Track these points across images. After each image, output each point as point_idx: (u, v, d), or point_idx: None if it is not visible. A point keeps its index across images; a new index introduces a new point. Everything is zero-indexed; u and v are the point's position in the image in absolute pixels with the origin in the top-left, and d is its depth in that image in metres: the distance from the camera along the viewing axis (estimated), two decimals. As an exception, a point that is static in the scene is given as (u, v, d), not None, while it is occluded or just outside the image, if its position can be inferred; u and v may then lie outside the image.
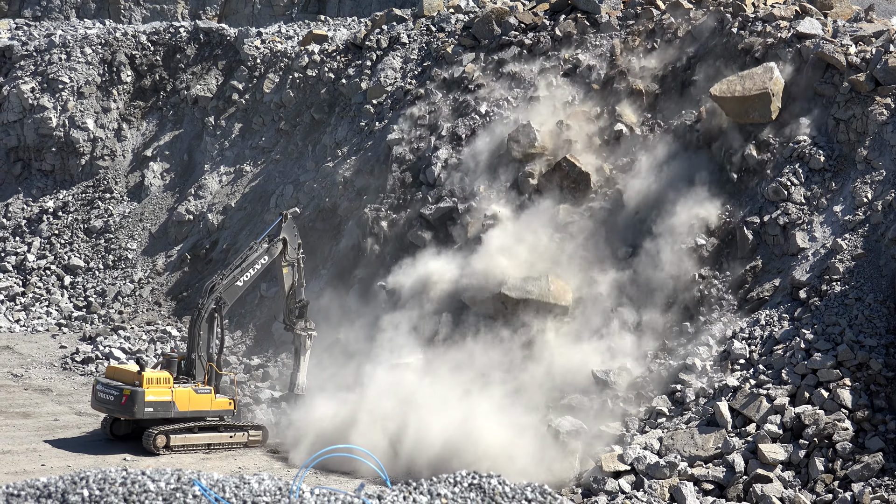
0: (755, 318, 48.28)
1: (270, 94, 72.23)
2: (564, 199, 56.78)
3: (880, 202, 48.37)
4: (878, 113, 50.93)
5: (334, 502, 28.10)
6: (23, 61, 77.96)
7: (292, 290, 50.97)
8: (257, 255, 50.28)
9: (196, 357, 49.15)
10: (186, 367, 49.45)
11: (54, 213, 72.99)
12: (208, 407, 49.15)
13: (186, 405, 48.45)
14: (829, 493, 41.12)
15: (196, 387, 48.84)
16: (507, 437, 45.45)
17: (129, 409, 47.55)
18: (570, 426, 45.93)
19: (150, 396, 47.55)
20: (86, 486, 28.69)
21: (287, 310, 51.15)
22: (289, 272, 50.95)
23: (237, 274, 49.81)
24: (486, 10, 65.63)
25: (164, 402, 47.93)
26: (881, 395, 43.49)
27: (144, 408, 47.52)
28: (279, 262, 50.84)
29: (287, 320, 51.17)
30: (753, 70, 54.03)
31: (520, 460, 43.71)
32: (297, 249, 51.13)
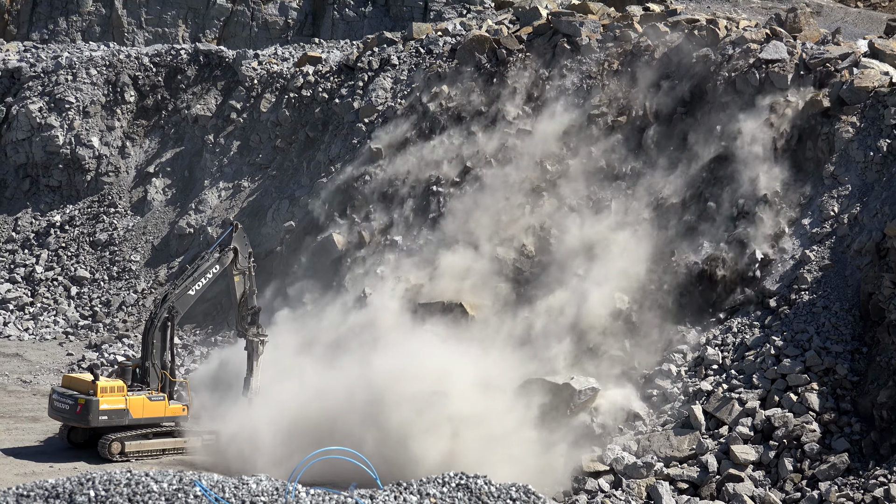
0: (727, 325, 48.44)
1: (267, 113, 72.26)
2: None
3: (846, 215, 48.52)
4: (843, 131, 51.07)
5: (328, 502, 28.18)
6: (31, 82, 77.94)
7: (244, 298, 50.16)
8: (209, 265, 49.59)
9: (150, 365, 48.45)
10: (141, 375, 48.72)
11: (61, 226, 72.95)
12: (162, 413, 48.43)
13: (140, 412, 47.80)
14: (797, 491, 41.28)
15: (150, 394, 48.17)
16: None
17: (83, 417, 46.97)
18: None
19: (105, 405, 46.92)
20: (92, 486, 28.78)
21: (239, 316, 50.34)
22: (240, 280, 50.13)
23: (189, 283, 49.14)
24: (470, 37, 65.55)
25: (118, 409, 47.30)
26: (847, 399, 43.66)
27: (99, 416, 46.89)
28: (230, 270, 50.00)
29: (239, 327, 50.35)
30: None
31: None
32: (248, 258, 50.36)
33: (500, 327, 52.52)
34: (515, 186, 58.64)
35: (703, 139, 54.55)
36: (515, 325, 52.43)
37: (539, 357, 50.08)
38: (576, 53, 62.40)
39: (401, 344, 49.75)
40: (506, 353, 50.32)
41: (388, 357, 48.33)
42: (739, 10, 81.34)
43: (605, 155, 57.71)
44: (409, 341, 49.92)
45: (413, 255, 58.54)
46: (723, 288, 50.17)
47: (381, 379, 46.58)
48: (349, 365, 49.05)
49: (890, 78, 52.39)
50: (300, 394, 47.78)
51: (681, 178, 54.15)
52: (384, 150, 63.59)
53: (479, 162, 60.83)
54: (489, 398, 46.33)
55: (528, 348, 50.62)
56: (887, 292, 44.13)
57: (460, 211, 59.12)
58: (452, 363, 47.69)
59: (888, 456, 41.28)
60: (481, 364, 48.50)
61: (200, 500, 28.08)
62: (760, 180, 51.66)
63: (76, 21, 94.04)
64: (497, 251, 56.39)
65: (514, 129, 60.93)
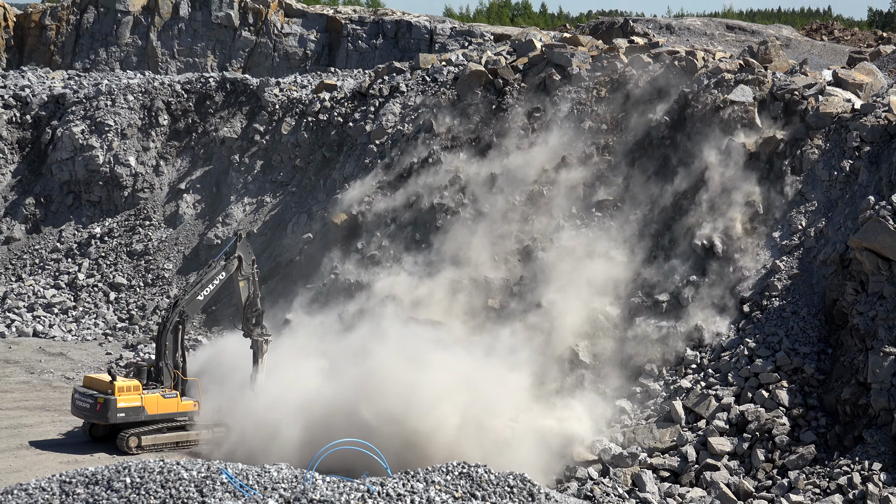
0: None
1: (287, 135, 72.28)
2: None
3: (813, 229, 48.47)
4: (810, 152, 51.04)
5: (343, 488, 28.06)
6: (74, 107, 77.96)
7: (248, 301, 49.64)
8: (216, 272, 49.22)
9: (163, 365, 48.12)
10: (155, 374, 48.40)
11: (101, 237, 72.92)
12: (175, 409, 48.10)
13: (155, 409, 47.51)
14: (769, 479, 41.17)
15: (164, 392, 47.86)
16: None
17: (103, 415, 46.69)
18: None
19: (122, 403, 46.63)
20: (128, 474, 28.68)
21: (245, 318, 49.77)
22: (245, 285, 49.63)
23: (198, 289, 48.76)
24: (469, 71, 65.41)
25: (134, 407, 46.97)
26: (813, 395, 43.57)
27: (117, 413, 46.62)
28: (236, 276, 49.52)
29: (245, 328, 49.77)
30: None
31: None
32: (252, 265, 49.87)
33: (488, 340, 51.93)
34: (509, 209, 58.48)
35: (683, 161, 54.51)
36: (503, 337, 51.98)
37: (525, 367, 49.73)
38: (567, 82, 62.39)
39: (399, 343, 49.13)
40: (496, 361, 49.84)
41: (386, 354, 47.87)
42: (716, 42, 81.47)
43: (593, 178, 57.61)
44: (406, 343, 49.29)
45: (409, 274, 58.29)
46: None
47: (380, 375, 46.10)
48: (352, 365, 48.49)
49: (852, 104, 52.35)
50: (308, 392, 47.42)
51: (664, 196, 54.10)
52: (383, 178, 63.69)
53: (474, 185, 60.72)
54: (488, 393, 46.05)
55: (516, 359, 50.08)
56: (850, 299, 44.08)
57: (456, 232, 58.95)
58: (451, 361, 47.36)
59: (851, 447, 41.21)
60: (473, 366, 48.10)
61: (226, 486, 27.99)
62: (734, 197, 51.65)
63: (115, 52, 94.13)
64: (488, 271, 56.18)
65: (508, 153, 60.89)
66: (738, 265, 49.53)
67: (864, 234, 44.08)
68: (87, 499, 27.96)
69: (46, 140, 77.41)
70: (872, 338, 42.39)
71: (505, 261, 56.57)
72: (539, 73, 63.82)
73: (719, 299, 49.00)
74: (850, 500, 38.64)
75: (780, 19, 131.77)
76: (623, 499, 40.75)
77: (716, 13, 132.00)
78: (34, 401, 52.47)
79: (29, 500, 28.34)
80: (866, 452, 40.26)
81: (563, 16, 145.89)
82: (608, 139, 58.70)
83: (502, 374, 47.49)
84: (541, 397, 47.53)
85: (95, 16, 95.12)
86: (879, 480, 38.84)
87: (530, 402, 46.76)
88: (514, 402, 46.01)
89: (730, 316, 48.06)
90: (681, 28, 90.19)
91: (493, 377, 46.98)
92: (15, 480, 35.73)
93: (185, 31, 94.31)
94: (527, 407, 46.23)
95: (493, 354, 49.18)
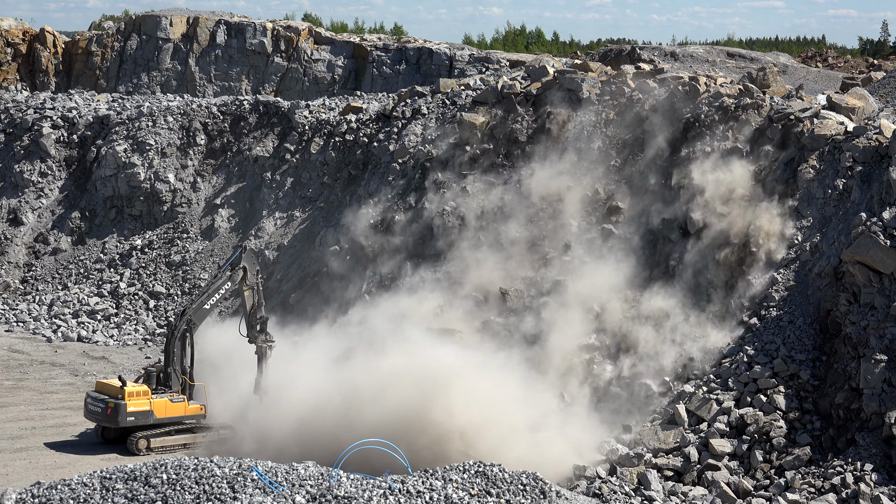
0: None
1: (316, 155, 72.27)
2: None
3: (808, 244, 48.26)
4: (805, 172, 50.84)
5: (366, 485, 27.94)
6: (117, 127, 78.09)
7: (253, 309, 49.16)
8: (221, 282, 48.83)
9: (172, 370, 47.73)
10: (164, 379, 48.00)
11: (142, 249, 72.99)
12: (182, 413, 47.68)
13: (163, 412, 47.10)
14: (766, 479, 40.95)
15: (172, 396, 47.49)
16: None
17: (113, 419, 46.31)
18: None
19: (132, 407, 46.29)
20: (164, 471, 28.62)
21: (249, 325, 49.21)
22: (249, 294, 49.12)
23: (204, 299, 48.40)
24: (485, 94, 65.42)
25: (143, 411, 46.61)
26: (809, 400, 43.32)
27: (127, 417, 46.27)
28: (241, 286, 49.15)
29: (250, 334, 49.13)
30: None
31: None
32: (256, 275, 49.45)
33: (503, 351, 51.56)
34: (521, 227, 58.31)
35: (687, 181, 54.33)
36: (517, 349, 51.68)
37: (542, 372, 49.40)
38: (577, 105, 62.30)
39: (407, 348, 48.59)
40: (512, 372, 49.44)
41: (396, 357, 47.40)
42: (717, 68, 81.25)
43: (603, 196, 57.49)
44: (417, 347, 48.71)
45: (421, 288, 58.14)
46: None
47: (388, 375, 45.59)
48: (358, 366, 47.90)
49: (845, 127, 52.13)
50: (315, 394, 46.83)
51: (669, 213, 53.90)
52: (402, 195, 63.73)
53: (488, 203, 60.64)
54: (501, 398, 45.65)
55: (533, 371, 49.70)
56: (843, 309, 43.87)
57: (470, 249, 58.82)
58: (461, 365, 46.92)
59: (844, 449, 40.98)
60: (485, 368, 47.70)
61: (256, 483, 27.88)
62: (734, 214, 51.48)
63: (156, 76, 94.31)
64: (502, 286, 55.95)
65: (521, 173, 60.81)
66: (738, 278, 49.30)
67: (856, 249, 43.91)
68: (126, 494, 27.90)
69: (92, 158, 77.56)
70: (864, 346, 42.18)
71: (518, 277, 56.36)
72: (551, 97, 63.74)
73: (720, 310, 48.77)
74: (843, 500, 38.41)
75: (778, 47, 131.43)
76: (629, 497, 40.53)
77: (717, 41, 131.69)
78: (78, 402, 52.40)
79: (72, 495, 28.28)
80: (858, 454, 40.03)
81: (574, 43, 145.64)
82: (616, 160, 58.60)
83: (515, 385, 47.24)
84: (552, 407, 47.08)
85: (138, 43, 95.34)
86: (871, 480, 38.61)
87: (544, 411, 46.22)
88: (530, 411, 45.51)
89: (730, 325, 47.83)
90: (684, 55, 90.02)
91: (507, 387, 46.74)
92: (59, 476, 35.66)
93: (222, 57, 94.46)
94: (541, 416, 45.66)
95: (507, 367, 48.95)
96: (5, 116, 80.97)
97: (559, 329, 51.17)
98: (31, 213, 76.42)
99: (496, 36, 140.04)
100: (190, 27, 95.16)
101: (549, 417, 45.20)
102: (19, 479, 41.33)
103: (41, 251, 74.83)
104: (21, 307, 70.55)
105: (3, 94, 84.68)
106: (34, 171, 77.72)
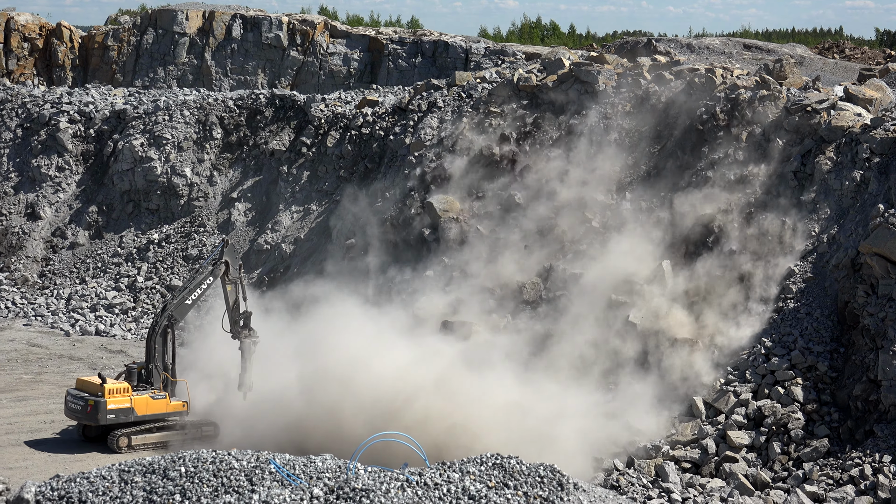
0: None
1: (332, 148, 72.27)
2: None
3: (825, 235, 48.18)
4: (823, 164, 50.73)
5: (383, 478, 27.95)
6: (134, 121, 78.21)
7: (236, 304, 48.07)
8: (203, 277, 47.91)
9: (153, 367, 46.92)
10: (145, 376, 47.19)
11: (159, 243, 73.10)
12: (164, 410, 46.82)
13: (144, 409, 46.27)
14: (784, 471, 40.91)
15: (153, 393, 46.64)
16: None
17: (93, 416, 45.56)
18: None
19: (112, 405, 45.46)
20: (183, 464, 28.65)
21: (232, 321, 48.11)
22: (232, 289, 48.01)
23: (186, 294, 47.51)
24: (500, 86, 65.37)
25: (124, 408, 45.75)
26: (827, 392, 43.28)
27: (107, 415, 45.48)
28: (223, 281, 48.07)
29: (233, 330, 48.08)
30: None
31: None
32: (238, 269, 48.38)
33: (520, 342, 51.42)
34: (536, 220, 58.24)
35: (704, 173, 54.25)
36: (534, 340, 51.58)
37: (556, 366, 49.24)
38: (594, 98, 62.21)
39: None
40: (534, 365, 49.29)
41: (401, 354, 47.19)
42: (734, 60, 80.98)
43: (619, 189, 57.43)
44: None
45: (436, 281, 58.12)
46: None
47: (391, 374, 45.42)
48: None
49: (862, 118, 52.02)
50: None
51: (686, 205, 53.74)
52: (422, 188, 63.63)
53: (503, 195, 60.62)
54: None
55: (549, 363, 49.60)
56: (861, 301, 43.82)
57: (484, 242, 58.77)
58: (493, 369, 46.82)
59: (862, 441, 40.93)
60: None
61: (274, 476, 27.90)
62: (752, 206, 51.38)
63: (172, 70, 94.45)
64: (518, 279, 55.83)
65: (537, 166, 60.72)
66: (756, 270, 49.19)
67: (874, 240, 43.86)
68: (145, 487, 27.95)
69: (108, 152, 77.69)
70: (882, 337, 42.13)
71: (534, 269, 56.26)
72: (567, 90, 63.66)
73: (737, 302, 48.67)
74: (861, 491, 38.35)
75: (795, 39, 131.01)
76: (647, 489, 40.52)
77: (734, 33, 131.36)
78: (96, 395, 52.47)
79: (91, 488, 28.34)
80: (877, 446, 39.97)
81: (590, 36, 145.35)
82: (633, 152, 58.53)
83: (537, 377, 47.21)
84: (573, 397, 46.82)
85: (154, 37, 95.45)
86: (889, 472, 38.55)
87: (567, 401, 45.99)
88: (553, 403, 45.36)
89: (748, 317, 47.74)
90: (701, 47, 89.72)
91: (522, 379, 46.72)
92: (78, 469, 35.79)
93: (238, 51, 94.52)
94: (563, 406, 45.46)
95: (522, 358, 48.92)
96: (22, 111, 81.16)
97: (574, 322, 51.02)
98: (48, 207, 76.61)
99: (512, 29, 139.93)
100: (206, 21, 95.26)
101: (564, 409, 45.02)
102: (39, 473, 41.47)
103: (59, 245, 75.01)
104: (39, 301, 70.72)
105: (20, 89, 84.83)
106: (51, 165, 77.89)
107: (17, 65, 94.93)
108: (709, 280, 50.18)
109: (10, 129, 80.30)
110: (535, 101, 64.49)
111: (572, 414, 44.41)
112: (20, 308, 70.28)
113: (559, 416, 43.92)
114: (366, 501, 26.76)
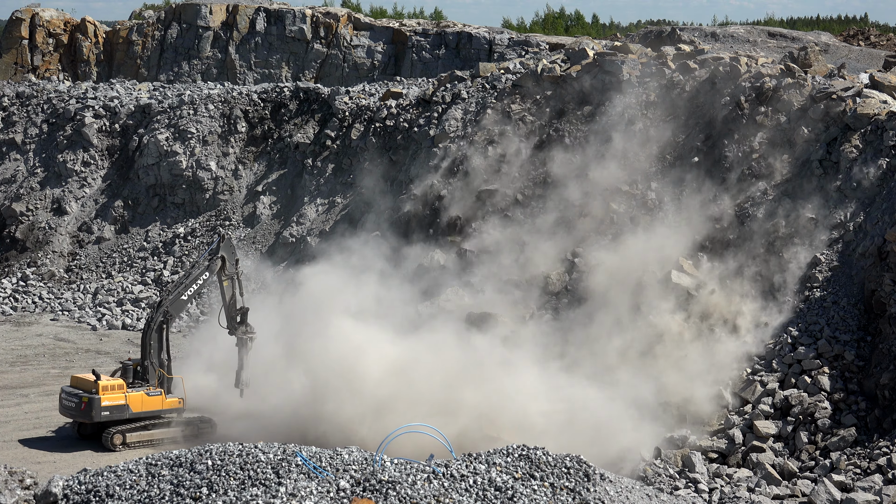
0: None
1: (357, 140, 72.32)
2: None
3: (851, 224, 48.00)
4: (849, 151, 50.54)
5: (410, 469, 27.97)
6: (159, 116, 78.42)
7: (232, 300, 47.56)
8: (199, 272, 47.19)
9: (149, 363, 46.25)
10: (141, 373, 46.51)
11: (184, 237, 73.28)
12: (160, 406, 46.27)
13: (140, 406, 45.73)
14: (811, 460, 40.77)
15: (148, 389, 46.04)
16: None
17: (87, 414, 45.00)
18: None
19: (106, 402, 44.85)
20: (209, 457, 28.73)
21: (228, 317, 47.59)
22: (228, 285, 47.47)
23: (182, 289, 46.79)
24: (525, 77, 65.32)
25: (118, 405, 45.16)
26: (854, 381, 43.12)
27: (101, 412, 44.86)
28: (220, 277, 47.46)
29: (230, 326, 47.56)
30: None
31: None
32: (235, 265, 47.75)
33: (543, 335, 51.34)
34: (561, 210, 58.13)
35: (731, 162, 54.10)
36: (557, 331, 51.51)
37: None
38: (618, 88, 62.07)
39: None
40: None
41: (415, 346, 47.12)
42: (758, 49, 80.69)
43: (644, 179, 57.29)
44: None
45: (461, 273, 58.12)
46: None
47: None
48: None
49: (888, 106, 51.77)
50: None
51: (712, 195, 53.61)
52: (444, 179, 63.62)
53: (528, 186, 60.55)
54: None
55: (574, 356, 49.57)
56: (888, 289, 43.64)
57: (509, 232, 58.72)
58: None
59: (890, 430, 40.77)
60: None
61: (301, 468, 27.96)
62: (778, 194, 51.24)
63: (196, 64, 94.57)
64: (542, 269, 55.75)
65: (561, 156, 60.62)
66: (781, 259, 49.04)
67: (901, 228, 43.67)
68: (172, 480, 28.04)
69: (134, 147, 77.92)
70: (910, 326, 41.97)
71: (558, 260, 56.20)
72: (592, 80, 63.54)
73: (764, 291, 48.52)
74: (889, 480, 38.15)
75: (819, 26, 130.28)
76: (674, 479, 40.43)
77: (758, 21, 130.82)
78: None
79: (118, 481, 28.47)
80: (905, 435, 39.83)
81: (614, 25, 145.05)
82: (658, 141, 58.38)
83: (562, 368, 47.21)
84: (597, 388, 46.70)
85: (178, 31, 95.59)
86: (917, 461, 38.38)
87: (591, 391, 45.91)
88: (574, 392, 45.34)
89: (774, 307, 47.59)
90: (725, 36, 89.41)
91: (555, 370, 46.71)
92: (105, 463, 35.89)
93: (262, 45, 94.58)
94: (588, 396, 45.38)
95: (549, 347, 48.90)
96: (48, 107, 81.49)
97: (598, 312, 50.91)
98: (74, 202, 76.90)
99: (535, 19, 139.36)
100: (229, 15, 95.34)
101: (589, 399, 44.93)
102: (66, 467, 41.63)
103: (85, 240, 75.29)
104: (66, 296, 71.01)
105: (45, 85, 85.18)
106: (77, 160, 78.18)
107: (42, 60, 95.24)
108: (734, 269, 50.06)
109: (35, 124, 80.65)
110: (560, 91, 64.41)
111: (598, 404, 44.38)
112: (47, 303, 70.60)
113: (584, 406, 43.93)
114: (392, 493, 26.81)
